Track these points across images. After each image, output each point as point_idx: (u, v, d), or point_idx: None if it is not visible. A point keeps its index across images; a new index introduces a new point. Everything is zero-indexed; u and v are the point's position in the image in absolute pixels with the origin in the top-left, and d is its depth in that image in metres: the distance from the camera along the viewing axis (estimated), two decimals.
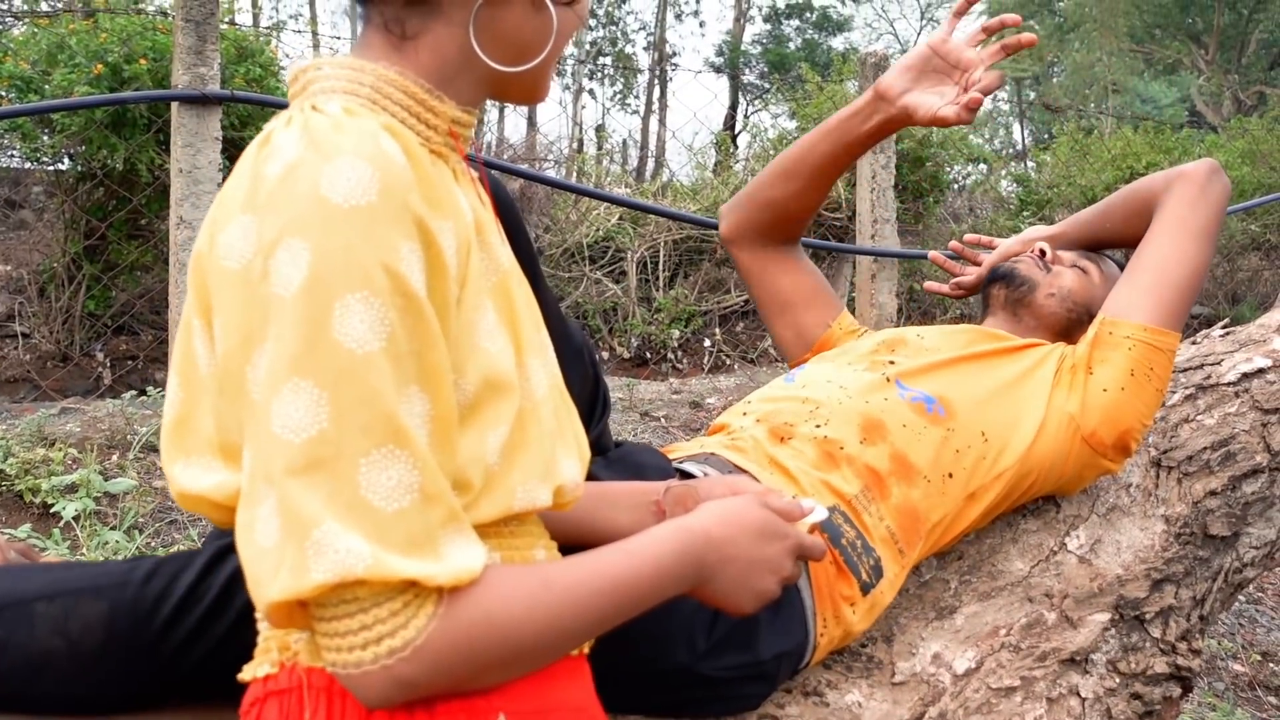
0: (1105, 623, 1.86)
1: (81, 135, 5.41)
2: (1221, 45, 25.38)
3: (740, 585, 1.25)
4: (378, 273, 0.97)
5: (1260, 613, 3.48)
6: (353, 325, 0.96)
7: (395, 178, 1.01)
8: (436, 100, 1.15)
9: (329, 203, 0.98)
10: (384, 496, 0.96)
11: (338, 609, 0.97)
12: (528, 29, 1.17)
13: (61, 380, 5.74)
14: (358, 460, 0.95)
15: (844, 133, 2.02)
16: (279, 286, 0.97)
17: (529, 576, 1.06)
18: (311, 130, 1.03)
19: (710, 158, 10.13)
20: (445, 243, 1.05)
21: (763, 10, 29.70)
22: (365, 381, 0.96)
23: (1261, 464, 2.08)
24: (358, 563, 0.93)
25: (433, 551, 0.97)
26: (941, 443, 1.78)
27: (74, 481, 3.31)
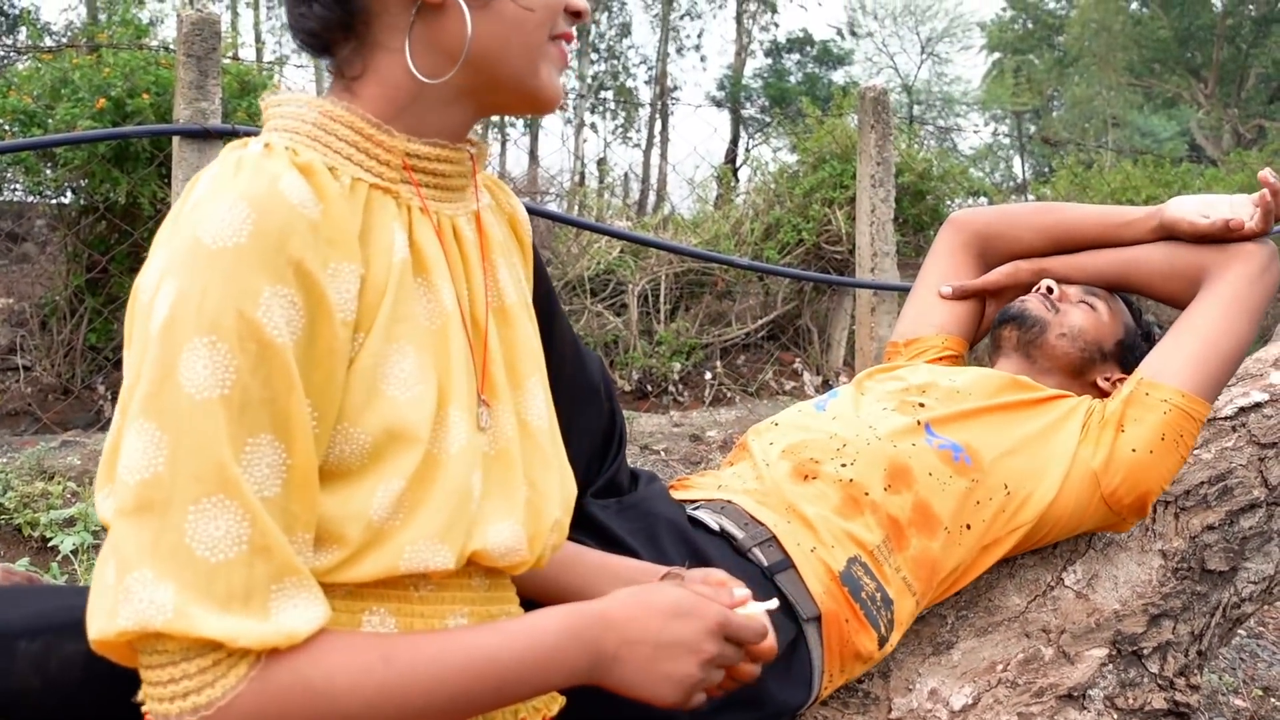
0: (1103, 658, 1.86)
1: (84, 169, 5.43)
2: (1221, 79, 25.49)
3: (650, 672, 1.13)
4: (229, 317, 0.95)
5: (1261, 647, 3.46)
6: (195, 369, 0.94)
7: (274, 220, 0.98)
8: (385, 134, 1.13)
9: (199, 243, 0.97)
10: (209, 546, 0.93)
11: (152, 658, 0.95)
12: (479, 32, 1.12)
13: (62, 413, 5.74)
14: (186, 507, 0.93)
15: (1112, 236, 2.12)
16: (151, 326, 0.97)
17: (368, 649, 1.01)
18: (224, 166, 1.03)
19: (711, 191, 10.15)
20: (336, 287, 1.03)
21: (764, 44, 29.86)
22: (199, 428, 0.94)
23: (1259, 499, 2.08)
24: (157, 615, 0.91)
25: (259, 608, 0.95)
26: (965, 494, 1.77)
27: (72, 515, 3.30)
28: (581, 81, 25.32)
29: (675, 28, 28.16)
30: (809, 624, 1.62)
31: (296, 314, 0.98)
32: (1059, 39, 29.45)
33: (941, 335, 2.19)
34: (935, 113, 29.50)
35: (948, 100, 30.55)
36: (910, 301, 2.28)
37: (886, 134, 5.83)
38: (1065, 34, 28.70)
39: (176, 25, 4.28)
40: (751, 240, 7.78)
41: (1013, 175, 28.89)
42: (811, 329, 7.92)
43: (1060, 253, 2.17)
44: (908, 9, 29.87)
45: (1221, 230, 1.96)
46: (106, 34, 6.39)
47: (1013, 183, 26.61)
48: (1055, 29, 29.91)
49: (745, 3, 27.79)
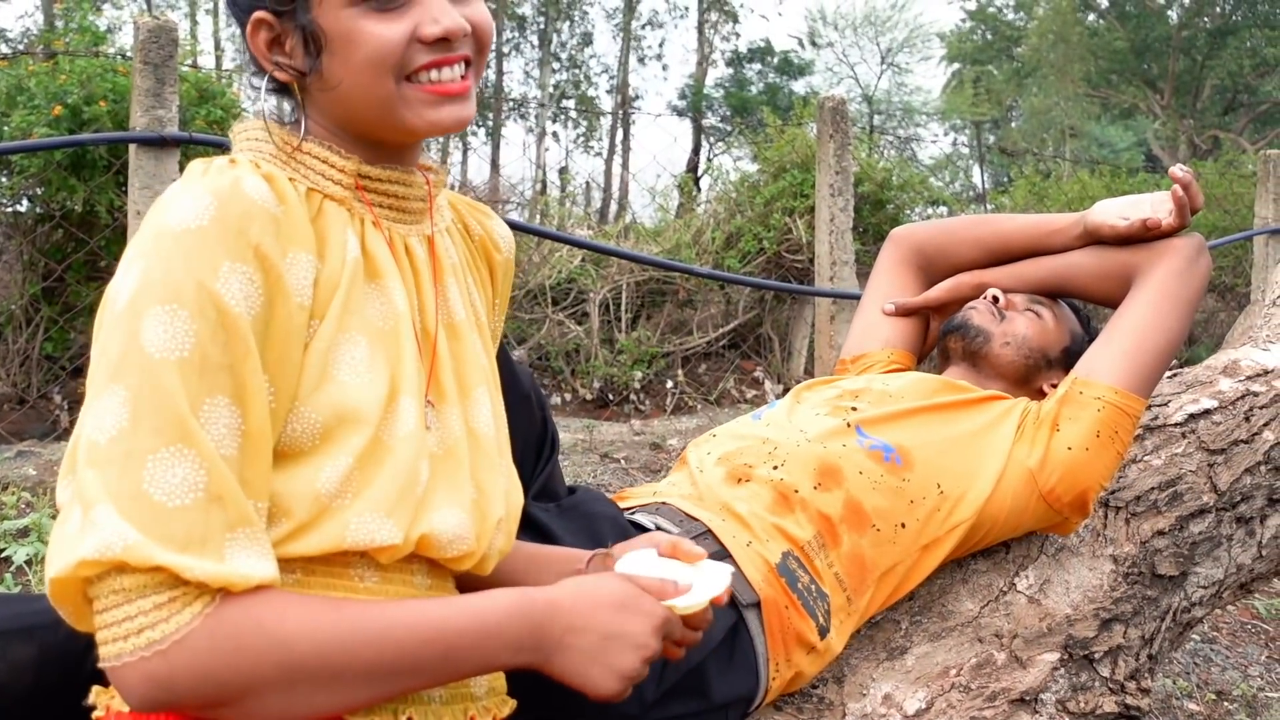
0: (1054, 662, 1.88)
1: (40, 177, 5.39)
2: (1177, 90, 25.76)
3: (593, 661, 1.16)
4: (189, 287, 1.02)
5: (1215, 651, 3.50)
6: (157, 333, 1.01)
7: (235, 207, 1.06)
8: (337, 156, 1.20)
9: (165, 227, 1.04)
10: (166, 492, 0.98)
11: (108, 599, 0.98)
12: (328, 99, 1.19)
13: (18, 423, 5.68)
14: (145, 457, 0.98)
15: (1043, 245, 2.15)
16: (115, 305, 1.04)
17: (319, 600, 1.06)
18: (191, 173, 1.11)
19: (673, 200, 10.17)
20: (294, 274, 1.09)
21: (725, 54, 29.95)
22: (160, 384, 1.00)
23: (1208, 504, 2.10)
24: (117, 542, 0.95)
25: (214, 552, 0.99)
26: (896, 492, 1.78)
27: (27, 525, 3.27)
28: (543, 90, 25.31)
29: (637, 37, 28.23)
30: (749, 610, 1.63)
31: (255, 291, 1.05)
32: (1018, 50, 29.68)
33: (887, 350, 2.21)
34: (895, 122, 29.69)
35: (908, 110, 30.76)
36: (857, 318, 2.31)
37: (845, 144, 5.86)
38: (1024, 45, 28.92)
39: (134, 32, 4.26)
40: (713, 249, 7.80)
41: (972, 185, 29.10)
42: (773, 337, 7.95)
43: (998, 264, 2.19)
44: (868, 20, 30.07)
45: (1140, 231, 1.99)
46: (63, 41, 6.34)
47: (972, 192, 26.83)
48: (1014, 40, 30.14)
49: (707, 12, 27.88)
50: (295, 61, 1.18)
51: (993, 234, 2.20)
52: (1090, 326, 2.17)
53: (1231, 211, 10.29)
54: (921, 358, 2.29)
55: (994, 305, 2.12)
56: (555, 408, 6.93)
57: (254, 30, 1.17)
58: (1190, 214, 1.98)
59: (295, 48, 1.17)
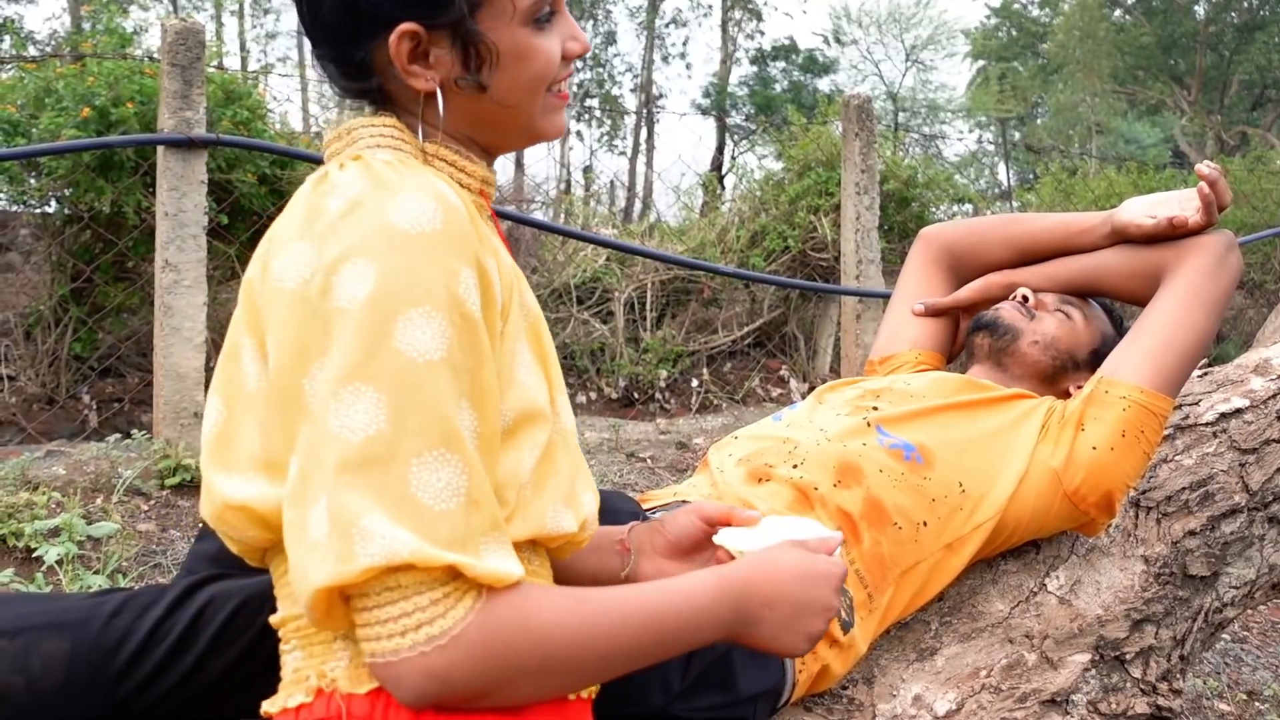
0: (1085, 663, 1.87)
1: (68, 178, 5.41)
2: (1204, 86, 25.62)
3: (786, 629, 1.26)
4: (439, 291, 1.03)
5: (1246, 651, 3.48)
6: (415, 336, 1.02)
7: (455, 212, 1.08)
8: (467, 160, 1.24)
9: (396, 228, 1.05)
10: (433, 496, 1.00)
11: (380, 596, 1.00)
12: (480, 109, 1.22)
13: (47, 423, 5.72)
14: (410, 460, 1.00)
15: (1071, 244, 2.14)
16: (342, 300, 1.03)
17: (564, 591, 1.11)
18: (372, 170, 1.11)
19: (697, 199, 10.16)
20: (494, 276, 1.11)
21: (749, 53, 29.90)
22: (424, 387, 1.01)
23: (1240, 504, 2.09)
24: (403, 548, 0.97)
25: (473, 552, 1.01)
26: (917, 490, 1.78)
27: (57, 525, 3.30)
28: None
29: (661, 36, 28.22)
30: None
31: (475, 294, 1.07)
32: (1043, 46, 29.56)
33: (916, 351, 2.20)
34: (920, 120, 29.58)
35: (933, 107, 30.64)
36: (886, 318, 2.30)
37: (870, 141, 5.85)
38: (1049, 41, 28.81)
39: (160, 34, 4.28)
40: (737, 248, 7.79)
41: (997, 182, 28.99)
42: (798, 336, 7.93)
43: (1027, 263, 2.18)
44: (892, 16, 29.98)
45: (1166, 229, 1.97)
46: (91, 43, 6.37)
47: (997, 189, 26.71)
48: (1039, 36, 30.02)
49: (731, 11, 27.84)
50: (441, 72, 1.19)
51: (1022, 233, 2.19)
52: (1123, 328, 2.16)
53: (1260, 208, 10.21)
54: (951, 358, 2.28)
55: (1023, 305, 2.11)
56: (580, 407, 6.93)
57: (399, 40, 1.17)
58: (1218, 211, 1.96)
59: (444, 59, 1.19)
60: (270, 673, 1.26)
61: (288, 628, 1.16)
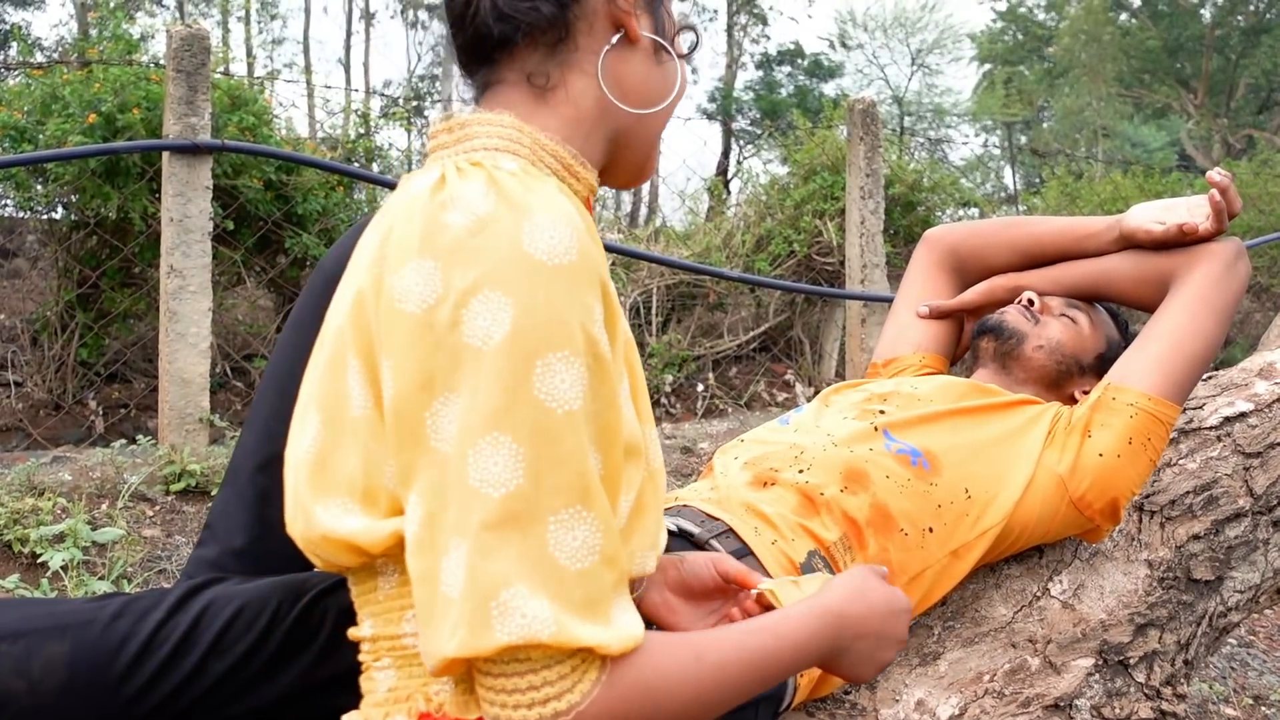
0: (1089, 668, 1.86)
1: (75, 184, 5.43)
2: (1210, 89, 25.59)
3: (866, 659, 1.28)
4: (578, 333, 0.99)
5: (1252, 655, 3.47)
6: (554, 384, 0.97)
7: (586, 238, 1.03)
8: (580, 166, 1.18)
9: (532, 259, 0.98)
10: (570, 556, 0.97)
11: (509, 666, 0.98)
12: (650, 79, 1.21)
13: (53, 428, 5.73)
14: (548, 518, 0.96)
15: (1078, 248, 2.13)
16: (474, 338, 0.98)
17: (682, 648, 1.08)
18: (500, 185, 1.04)
19: (702, 203, 10.16)
20: (615, 303, 1.09)
21: (755, 57, 29.91)
22: (563, 440, 0.97)
23: (1244, 508, 2.09)
24: (543, 629, 0.95)
25: (604, 615, 0.99)
26: (923, 496, 1.77)
27: (62, 531, 3.30)
28: None
29: None
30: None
31: (607, 324, 1.05)
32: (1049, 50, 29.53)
33: (919, 354, 2.20)
34: (926, 124, 29.57)
35: (938, 111, 30.62)
36: (889, 321, 2.30)
37: (876, 146, 5.85)
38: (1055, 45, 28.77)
39: (166, 41, 4.29)
40: (743, 252, 7.78)
41: (1003, 186, 28.97)
42: (803, 340, 7.93)
43: (1031, 267, 2.17)
44: (898, 21, 29.98)
45: (1176, 236, 1.96)
46: (97, 49, 6.39)
47: (1003, 193, 26.70)
48: (1045, 40, 29.99)
49: (736, 15, 27.86)
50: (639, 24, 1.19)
51: (1027, 236, 2.18)
52: (1129, 333, 2.15)
53: (1267, 211, 10.20)
54: (954, 360, 2.28)
55: (1029, 309, 2.11)
56: None
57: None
58: (1228, 219, 1.95)
59: (638, 11, 1.19)
60: (271, 676, 1.26)
61: (379, 645, 1.14)
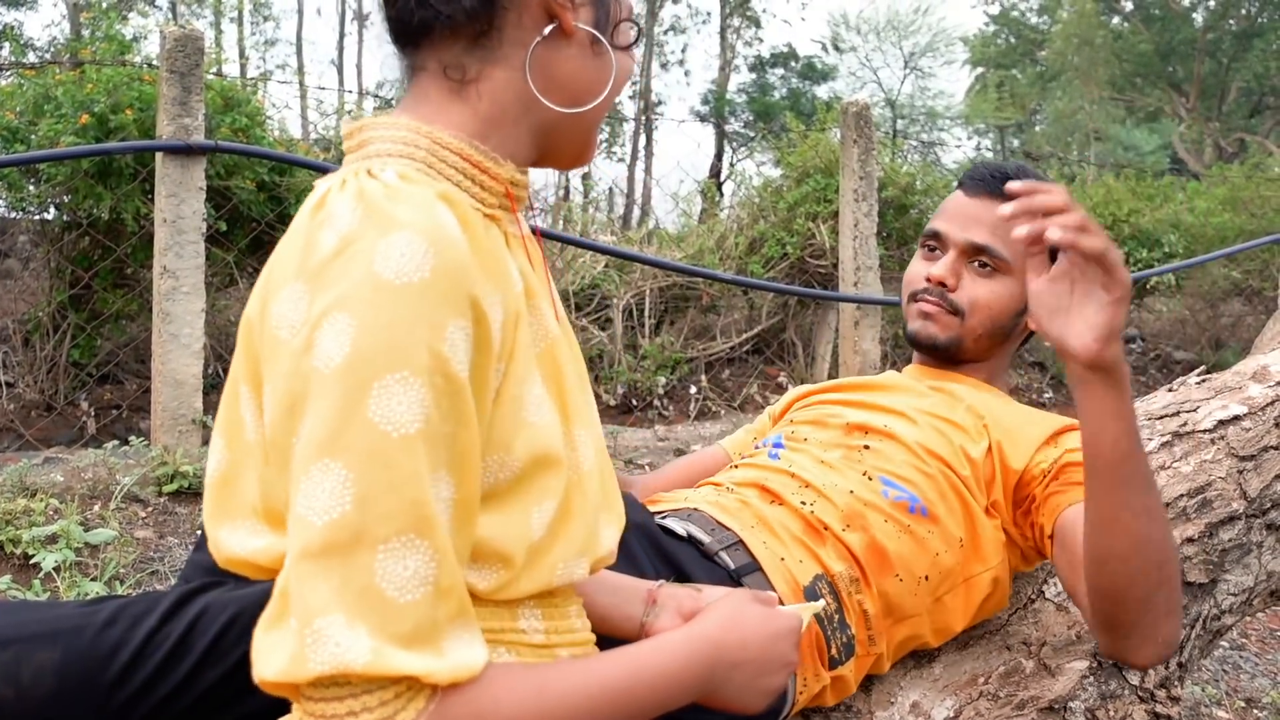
0: (1083, 670, 1.87)
1: (67, 185, 5.43)
2: (1202, 93, 25.67)
3: (750, 688, 1.22)
4: (420, 353, 0.94)
5: (1244, 659, 3.47)
6: (390, 406, 0.94)
7: (450, 253, 0.98)
8: (492, 162, 1.12)
9: (380, 279, 0.95)
10: (398, 586, 0.93)
11: (328, 691, 0.95)
12: (585, 73, 1.16)
13: (45, 429, 5.72)
14: (376, 547, 0.93)
15: None
16: (319, 361, 0.95)
17: (525, 680, 1.02)
18: (367, 199, 1.01)
19: (696, 206, 10.17)
20: (494, 317, 1.02)
21: (748, 60, 29.96)
22: (395, 466, 0.93)
23: (1238, 511, 2.09)
24: (356, 658, 0.91)
25: (435, 646, 0.95)
26: (921, 544, 1.74)
27: (54, 532, 3.29)
28: None
29: (659, 43, 28.26)
30: None
31: (468, 346, 0.99)
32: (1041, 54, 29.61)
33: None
34: (919, 127, 29.62)
35: (931, 114, 30.68)
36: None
37: (869, 148, 5.86)
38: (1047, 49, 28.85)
39: (160, 41, 4.28)
40: (736, 254, 7.80)
41: None
42: (796, 343, 7.94)
43: None
44: (891, 24, 30.03)
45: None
46: (90, 50, 6.39)
47: None
48: (1038, 44, 30.07)
49: (729, 18, 27.89)
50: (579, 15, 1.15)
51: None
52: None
53: (1258, 214, 10.23)
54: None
55: (943, 299, 1.97)
56: None
57: None
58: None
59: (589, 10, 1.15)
60: None
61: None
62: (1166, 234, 9.75)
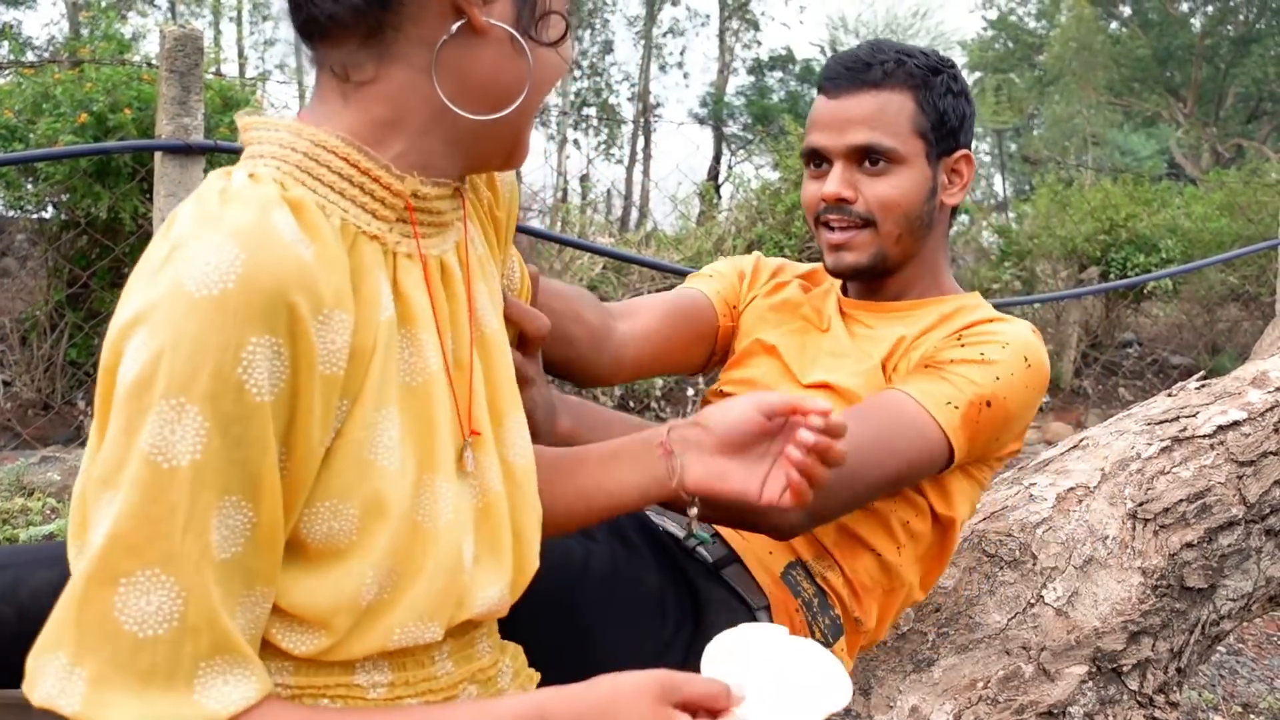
0: (1082, 675, 1.87)
1: (65, 184, 5.42)
2: (1199, 98, 25.69)
3: None
4: (204, 377, 0.87)
5: (1241, 663, 3.48)
6: (162, 435, 0.87)
7: (265, 259, 0.89)
8: (384, 170, 1.03)
9: (180, 290, 0.87)
10: (138, 621, 0.88)
11: None
12: (503, 74, 1.04)
13: (42, 429, 5.71)
14: (118, 580, 0.88)
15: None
16: (120, 377, 0.90)
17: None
18: (204, 201, 0.94)
19: (694, 208, 10.17)
20: (324, 336, 0.93)
21: (746, 62, 29.95)
22: (157, 499, 0.87)
23: (1237, 516, 2.09)
24: (66, 704, 0.88)
25: (181, 685, 0.89)
26: (884, 519, 1.68)
27: (52, 531, 3.29)
28: (564, 98, 25.36)
29: (658, 45, 28.24)
30: (760, 612, 1.60)
31: (281, 364, 0.90)
32: (1039, 58, 29.61)
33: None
34: None
35: None
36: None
37: None
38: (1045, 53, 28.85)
39: (160, 41, 4.28)
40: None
41: (993, 193, 29.03)
42: None
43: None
44: (889, 28, 30.02)
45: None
46: (89, 49, 6.39)
47: (993, 200, 26.75)
48: (1035, 48, 30.06)
49: (728, 21, 27.89)
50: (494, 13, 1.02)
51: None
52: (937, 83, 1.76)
53: (1255, 220, 10.24)
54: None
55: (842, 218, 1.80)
56: None
57: None
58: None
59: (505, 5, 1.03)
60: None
61: None
62: (1164, 239, 9.77)
